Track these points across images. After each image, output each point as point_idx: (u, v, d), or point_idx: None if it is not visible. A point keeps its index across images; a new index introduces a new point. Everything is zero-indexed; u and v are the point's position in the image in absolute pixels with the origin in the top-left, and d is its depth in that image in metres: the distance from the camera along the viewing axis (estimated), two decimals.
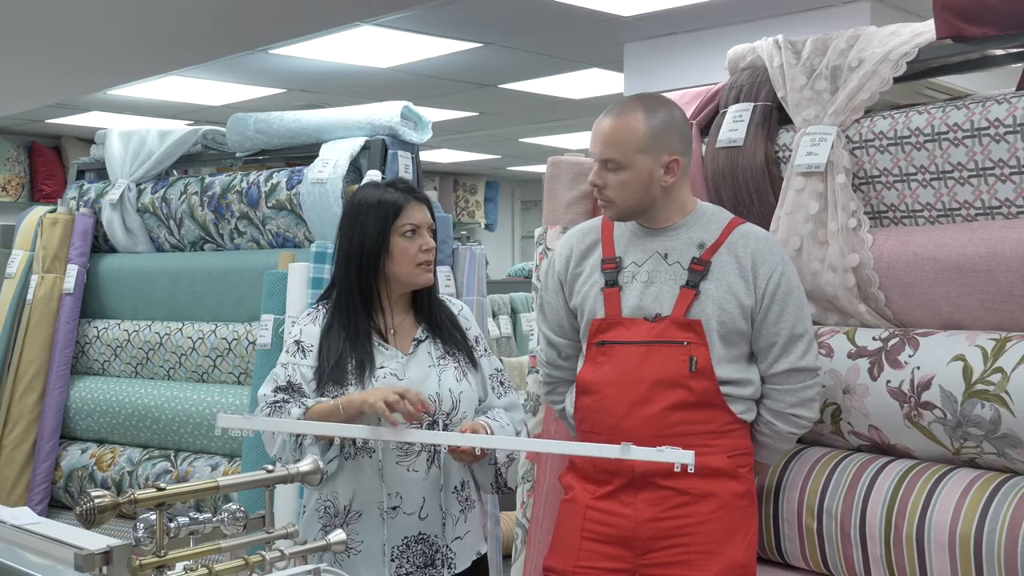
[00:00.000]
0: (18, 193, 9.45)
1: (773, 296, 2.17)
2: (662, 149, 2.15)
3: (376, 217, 2.32)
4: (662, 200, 2.20)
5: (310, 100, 7.28)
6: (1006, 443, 2.06)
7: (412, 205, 2.34)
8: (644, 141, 2.14)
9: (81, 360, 4.07)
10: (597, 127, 2.20)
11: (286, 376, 2.31)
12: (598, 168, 2.19)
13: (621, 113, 2.18)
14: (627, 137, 2.15)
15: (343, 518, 2.30)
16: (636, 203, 2.19)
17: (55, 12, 4.89)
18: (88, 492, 1.36)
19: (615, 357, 2.19)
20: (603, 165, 2.18)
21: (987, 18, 2.21)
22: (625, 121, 2.16)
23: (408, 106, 3.47)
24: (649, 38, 5.86)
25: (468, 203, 12.67)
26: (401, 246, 2.31)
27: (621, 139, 2.15)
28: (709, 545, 2.11)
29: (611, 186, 2.18)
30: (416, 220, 2.33)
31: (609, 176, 2.18)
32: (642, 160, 2.15)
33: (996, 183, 2.19)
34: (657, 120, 2.16)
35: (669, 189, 2.19)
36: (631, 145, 2.14)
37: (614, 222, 2.30)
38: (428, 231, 2.35)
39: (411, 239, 2.32)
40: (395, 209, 2.32)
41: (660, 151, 2.15)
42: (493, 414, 2.40)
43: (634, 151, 2.14)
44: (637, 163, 2.15)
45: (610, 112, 2.20)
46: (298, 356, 2.32)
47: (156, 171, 4.03)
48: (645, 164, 2.15)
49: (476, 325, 2.53)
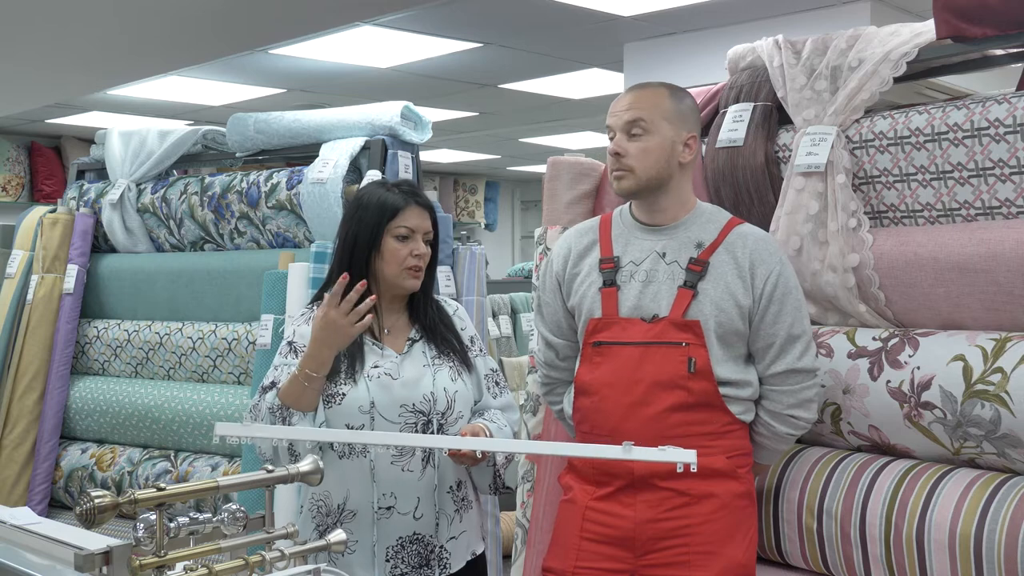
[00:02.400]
0: (18, 193, 9.45)
1: (771, 297, 2.17)
2: (684, 124, 2.21)
3: (373, 214, 2.32)
4: (672, 183, 2.22)
5: (310, 100, 7.28)
6: (1006, 443, 2.06)
7: (411, 209, 2.33)
8: (670, 111, 2.20)
9: (81, 360, 4.07)
10: (619, 99, 2.25)
11: (273, 378, 2.31)
12: (619, 136, 2.21)
13: (646, 87, 2.25)
14: (655, 102, 2.20)
15: (336, 517, 2.29)
16: (655, 174, 2.20)
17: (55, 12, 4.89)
18: (88, 492, 1.36)
19: (612, 358, 2.19)
20: (627, 130, 2.20)
21: (987, 18, 2.21)
22: (652, 91, 2.23)
23: (408, 106, 3.47)
24: (649, 38, 5.86)
25: (468, 203, 12.68)
26: (392, 247, 2.31)
27: (649, 104, 2.20)
28: (709, 546, 2.11)
29: (633, 153, 2.19)
30: (411, 224, 2.32)
31: (632, 144, 2.19)
32: (666, 129, 2.19)
33: (996, 183, 2.19)
34: (680, 98, 2.23)
35: (680, 173, 2.22)
36: (658, 111, 2.19)
37: (612, 221, 2.30)
38: (424, 237, 2.35)
39: (403, 242, 2.31)
40: (393, 210, 2.32)
41: (682, 125, 2.21)
42: (490, 415, 2.39)
43: (660, 117, 2.19)
44: (662, 130, 2.19)
45: (633, 87, 2.26)
46: (289, 357, 2.31)
47: (156, 171, 4.02)
48: (669, 133, 2.19)
49: (471, 326, 2.52)
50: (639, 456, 1.93)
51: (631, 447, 1.91)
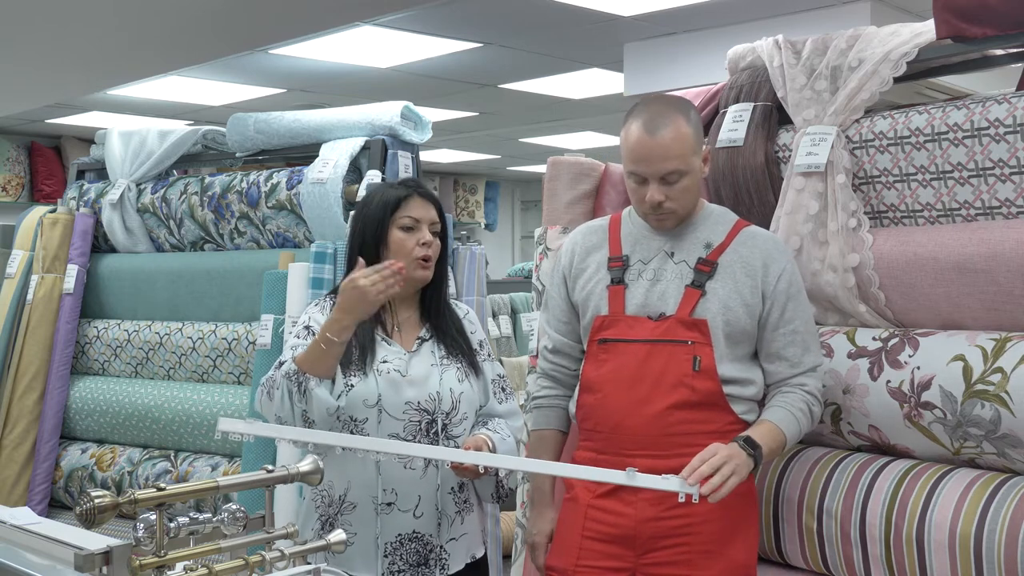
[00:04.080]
0: (18, 193, 9.46)
1: (786, 293, 2.19)
2: (700, 144, 2.20)
3: (377, 209, 2.35)
4: None
5: (310, 100, 7.28)
6: (1006, 443, 2.06)
7: (414, 200, 2.35)
8: (694, 142, 2.17)
9: (81, 360, 4.07)
10: (649, 145, 2.12)
11: (289, 356, 2.30)
12: (656, 185, 2.15)
13: (667, 124, 2.13)
14: (684, 144, 2.14)
15: (337, 507, 2.30)
16: (692, 203, 2.22)
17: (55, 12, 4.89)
18: (88, 492, 1.36)
19: (618, 355, 2.19)
20: (664, 180, 2.15)
21: (987, 18, 2.21)
22: (676, 130, 2.14)
23: (408, 106, 3.47)
24: (649, 38, 5.87)
25: (468, 203, 12.68)
26: (398, 238, 2.32)
27: (679, 149, 2.14)
28: (710, 545, 2.11)
29: (674, 197, 2.17)
30: (416, 214, 2.34)
31: (671, 189, 2.16)
32: (695, 162, 2.18)
33: (996, 183, 2.19)
34: (693, 119, 2.19)
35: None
36: (688, 150, 2.15)
37: (622, 221, 2.31)
38: (430, 228, 2.36)
39: (409, 232, 2.33)
40: (396, 202, 2.34)
41: (700, 146, 2.20)
42: (494, 425, 2.39)
43: (690, 155, 2.16)
44: (694, 166, 2.18)
45: (654, 125, 2.13)
46: (308, 339, 2.31)
47: (156, 171, 4.02)
48: (697, 165, 2.19)
49: (481, 330, 2.54)
50: (642, 483, 1.92)
51: (635, 473, 1.89)
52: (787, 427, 2.13)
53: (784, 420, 2.14)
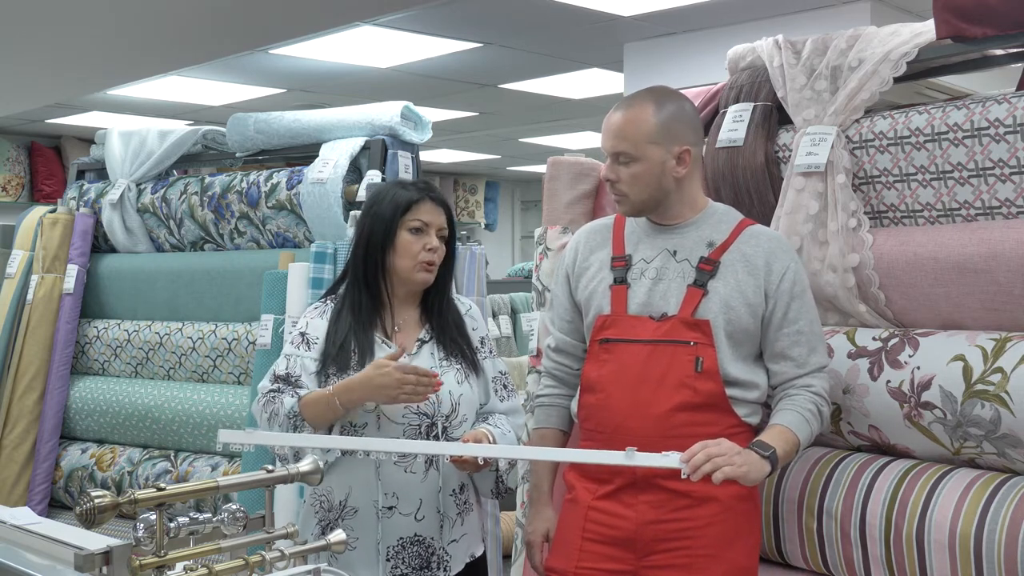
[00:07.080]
0: (18, 193, 9.45)
1: (791, 292, 2.17)
2: (673, 140, 2.16)
3: (388, 209, 2.34)
4: (675, 194, 2.20)
5: (310, 100, 7.28)
6: (1006, 443, 2.06)
7: (425, 204, 2.35)
8: (655, 132, 2.15)
9: (81, 360, 4.07)
10: (608, 121, 2.20)
11: (286, 367, 2.32)
12: (610, 162, 2.19)
13: (631, 106, 2.18)
14: (638, 128, 2.15)
15: (338, 513, 2.30)
16: (649, 196, 2.19)
17: (55, 12, 4.89)
18: (88, 492, 1.36)
19: (619, 355, 2.18)
20: (615, 159, 2.18)
21: (987, 18, 2.21)
22: (635, 113, 2.16)
23: (408, 106, 3.47)
24: (649, 38, 5.87)
25: (468, 203, 12.67)
26: (405, 240, 2.32)
27: (632, 131, 2.15)
28: (711, 548, 2.10)
29: (624, 179, 2.18)
30: (425, 218, 2.34)
31: (621, 170, 2.17)
32: (654, 151, 2.15)
33: (996, 183, 2.19)
34: (667, 111, 2.17)
35: (681, 182, 2.19)
36: (642, 136, 2.15)
37: (626, 220, 2.30)
38: (438, 233, 2.35)
39: (416, 235, 2.33)
40: (408, 204, 2.33)
41: (671, 141, 2.16)
42: (494, 420, 2.39)
43: (645, 142, 2.15)
44: (649, 154, 2.15)
45: (620, 105, 2.20)
46: (301, 348, 2.33)
47: (156, 171, 4.02)
48: (657, 155, 2.15)
49: (483, 325, 2.53)
50: (641, 462, 1.93)
51: (634, 452, 1.90)
52: (799, 429, 2.12)
53: (794, 422, 2.12)
